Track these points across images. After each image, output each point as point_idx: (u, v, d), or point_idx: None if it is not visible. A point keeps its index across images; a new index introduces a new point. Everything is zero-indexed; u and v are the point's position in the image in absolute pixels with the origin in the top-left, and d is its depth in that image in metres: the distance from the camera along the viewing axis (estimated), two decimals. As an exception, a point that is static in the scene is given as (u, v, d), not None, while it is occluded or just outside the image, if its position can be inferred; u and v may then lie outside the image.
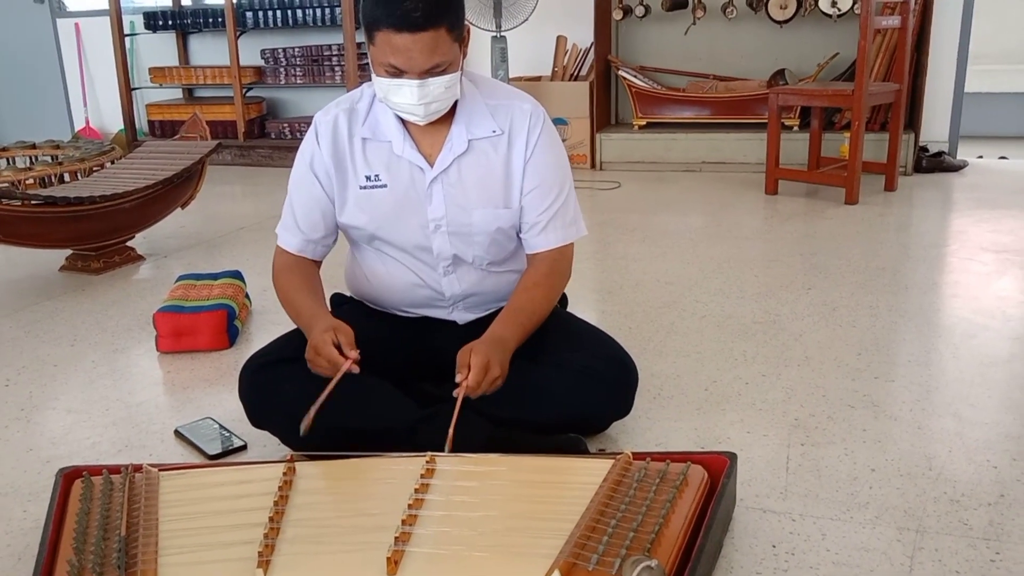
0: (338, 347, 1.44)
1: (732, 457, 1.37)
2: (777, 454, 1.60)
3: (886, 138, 3.91)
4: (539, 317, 1.60)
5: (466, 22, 1.51)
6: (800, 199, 3.79)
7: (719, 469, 1.34)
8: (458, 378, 1.43)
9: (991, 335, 2.17)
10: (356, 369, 1.43)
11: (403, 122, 1.57)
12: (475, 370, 1.42)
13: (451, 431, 1.39)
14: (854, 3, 4.20)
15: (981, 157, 4.67)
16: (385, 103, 1.53)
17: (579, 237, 1.67)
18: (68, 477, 1.41)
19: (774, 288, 2.59)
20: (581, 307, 2.20)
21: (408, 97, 1.46)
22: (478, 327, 1.63)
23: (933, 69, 4.25)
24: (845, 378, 1.93)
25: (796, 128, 4.36)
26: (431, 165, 1.58)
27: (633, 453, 1.38)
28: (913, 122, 4.24)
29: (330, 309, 1.74)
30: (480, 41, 4.62)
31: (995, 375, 1.93)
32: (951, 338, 2.17)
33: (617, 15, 4.67)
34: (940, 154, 4.33)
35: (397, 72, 1.44)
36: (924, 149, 4.33)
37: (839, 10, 4.25)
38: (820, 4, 4.29)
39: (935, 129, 4.45)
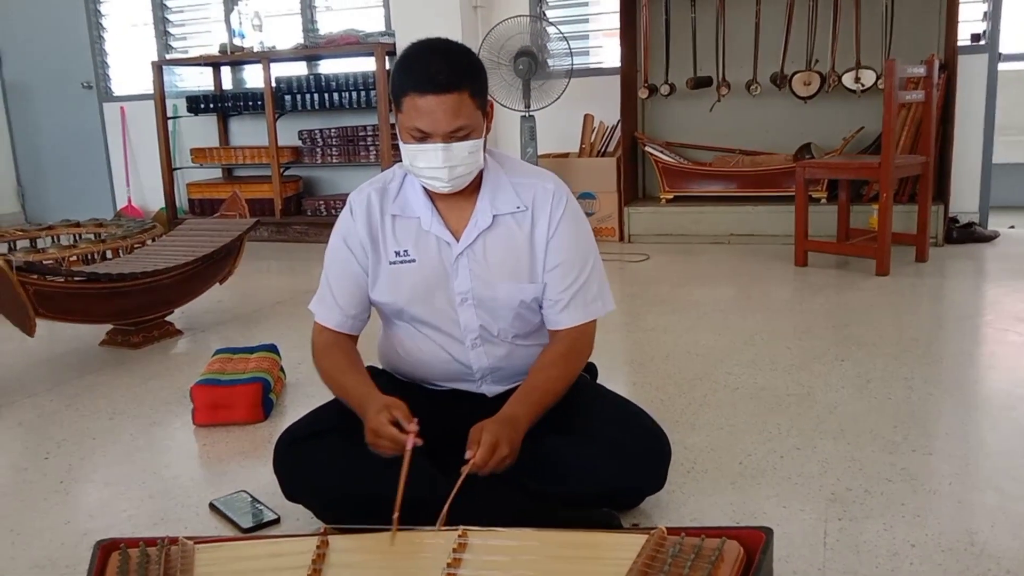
0: (396, 424, 1.46)
1: (768, 532, 1.35)
2: (814, 529, 1.57)
3: (915, 209, 3.92)
4: (554, 395, 1.60)
5: (490, 98, 1.57)
6: (830, 271, 3.79)
7: (755, 545, 1.32)
8: (467, 454, 1.44)
9: (1031, 407, 2.13)
10: (419, 441, 1.44)
11: (431, 198, 1.62)
12: (483, 448, 1.43)
13: (445, 509, 1.38)
14: (877, 79, 4.27)
15: (1013, 227, 4.65)
16: (411, 171, 1.57)
17: (604, 314, 1.68)
18: (105, 549, 1.42)
19: (807, 360, 2.57)
20: (612, 379, 2.20)
21: (433, 160, 1.51)
22: (507, 399, 1.64)
23: (960, 141, 4.28)
24: (882, 451, 1.91)
25: (824, 200, 4.39)
26: (457, 240, 1.62)
27: (667, 528, 1.36)
28: (942, 193, 4.24)
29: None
30: (510, 120, 4.75)
31: (1037, 448, 1.89)
32: (989, 410, 2.14)
33: (643, 94, 4.78)
34: (971, 225, 4.32)
35: (423, 136, 1.49)
36: (954, 220, 4.33)
37: (863, 85, 4.33)
38: (844, 80, 4.37)
39: (965, 200, 4.45)
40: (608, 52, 5.12)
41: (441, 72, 1.45)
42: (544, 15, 5.01)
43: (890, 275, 3.61)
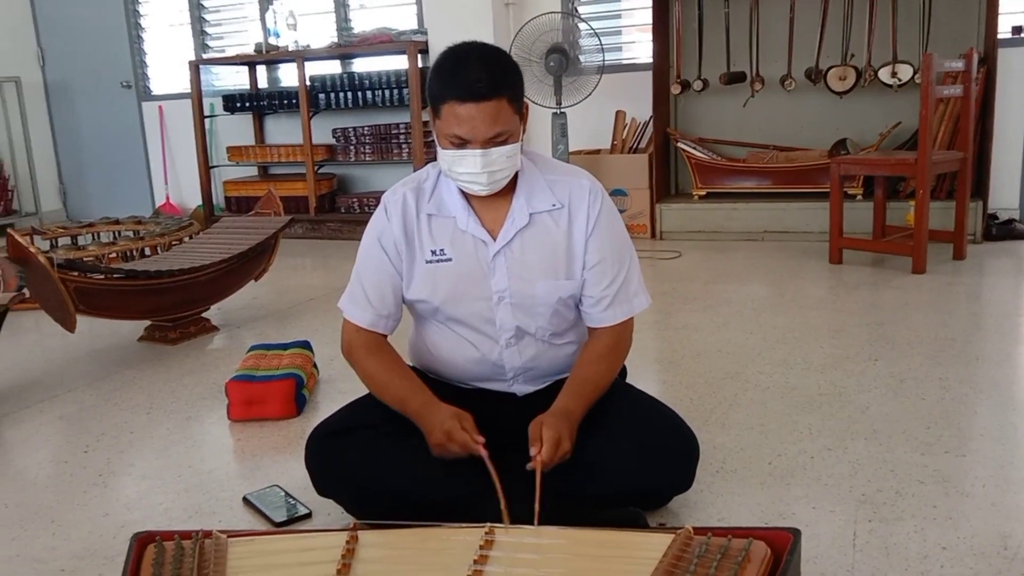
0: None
1: (796, 533, 1.34)
2: (844, 531, 1.56)
3: (953, 206, 3.85)
4: (602, 389, 1.62)
5: (526, 99, 1.58)
6: (865, 268, 3.74)
7: (783, 546, 1.31)
8: (532, 451, 1.46)
9: (1070, 409, 2.09)
10: (486, 453, 1.47)
11: (466, 198, 1.63)
12: (548, 444, 1.45)
13: (537, 506, 1.39)
14: (914, 73, 4.20)
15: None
16: (450, 176, 1.59)
17: (643, 309, 1.69)
18: (142, 541, 1.46)
19: (840, 359, 2.55)
20: (641, 378, 2.20)
21: (472, 166, 1.52)
22: (536, 399, 1.65)
23: (1000, 136, 4.20)
24: (914, 452, 1.88)
25: (860, 197, 4.33)
26: (494, 239, 1.63)
27: (694, 528, 1.36)
28: (981, 190, 4.17)
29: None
30: (541, 117, 4.75)
31: (1075, 451, 1.86)
32: (1027, 412, 2.10)
33: (675, 90, 4.76)
34: (1011, 221, 4.24)
35: (462, 143, 1.51)
36: (993, 217, 4.25)
37: (899, 80, 4.27)
38: (880, 75, 4.31)
39: (1004, 196, 4.37)
40: (640, 47, 5.09)
41: (480, 80, 1.46)
42: (576, 11, 5.00)
43: (927, 273, 3.56)
